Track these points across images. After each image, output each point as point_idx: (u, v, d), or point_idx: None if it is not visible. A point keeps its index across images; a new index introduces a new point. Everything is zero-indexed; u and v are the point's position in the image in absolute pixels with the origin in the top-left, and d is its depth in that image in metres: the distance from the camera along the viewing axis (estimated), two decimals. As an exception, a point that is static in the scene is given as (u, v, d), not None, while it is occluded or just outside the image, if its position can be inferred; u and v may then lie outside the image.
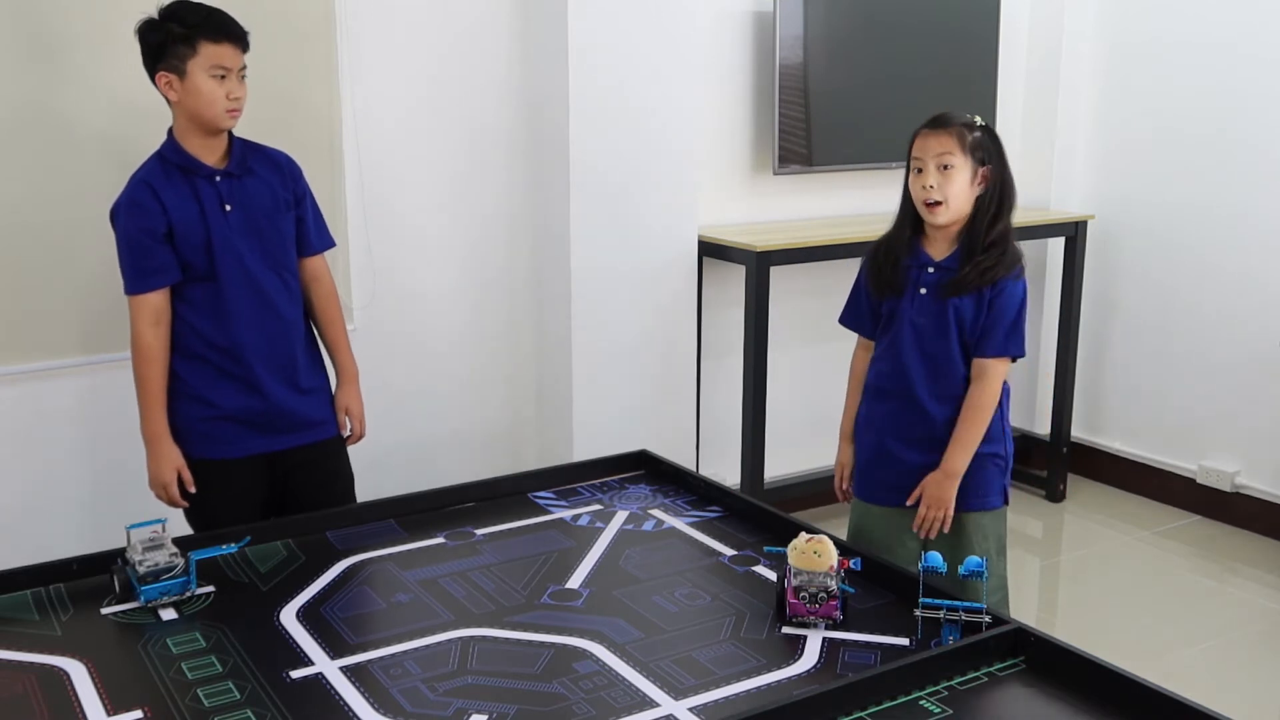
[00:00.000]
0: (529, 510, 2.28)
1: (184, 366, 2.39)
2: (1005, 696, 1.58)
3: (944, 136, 2.24)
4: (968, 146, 2.24)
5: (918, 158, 2.28)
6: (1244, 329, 3.98)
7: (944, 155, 2.23)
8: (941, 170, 2.23)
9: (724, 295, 3.84)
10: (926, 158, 2.25)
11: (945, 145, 2.24)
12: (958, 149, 2.23)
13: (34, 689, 1.60)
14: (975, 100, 4.15)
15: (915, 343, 2.30)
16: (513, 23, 3.39)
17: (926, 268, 2.31)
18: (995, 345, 2.26)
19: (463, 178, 3.40)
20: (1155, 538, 4.05)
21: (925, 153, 2.26)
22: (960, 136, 2.24)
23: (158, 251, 2.31)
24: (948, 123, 2.27)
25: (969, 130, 2.26)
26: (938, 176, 2.24)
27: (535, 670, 1.65)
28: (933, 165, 2.24)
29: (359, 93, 3.17)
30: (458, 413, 3.51)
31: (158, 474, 2.39)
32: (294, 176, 2.47)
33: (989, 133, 2.29)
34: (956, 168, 2.23)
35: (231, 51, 2.28)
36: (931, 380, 2.30)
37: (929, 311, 2.29)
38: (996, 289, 2.25)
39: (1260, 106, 3.86)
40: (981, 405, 2.27)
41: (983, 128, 2.28)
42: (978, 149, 2.26)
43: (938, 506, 2.28)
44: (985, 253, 2.25)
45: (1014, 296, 2.26)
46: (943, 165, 2.23)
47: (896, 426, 2.34)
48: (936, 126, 2.27)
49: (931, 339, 2.29)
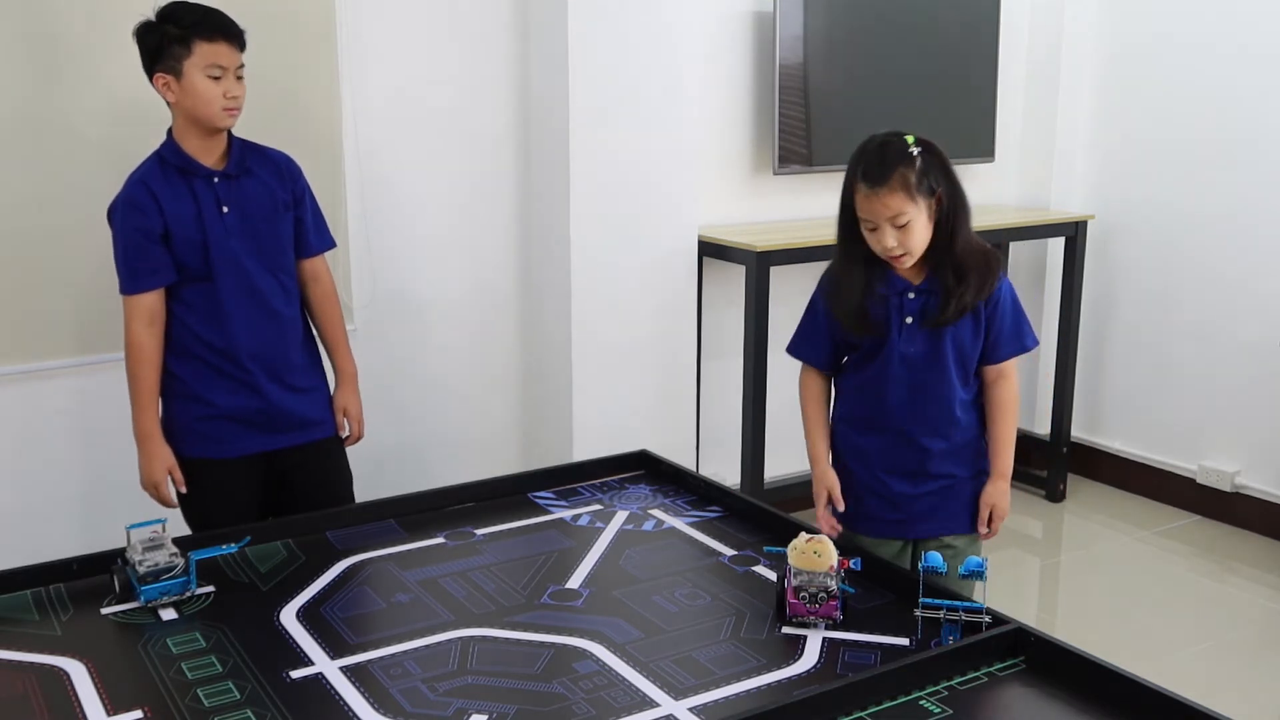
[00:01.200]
0: (529, 510, 2.28)
1: (180, 366, 2.39)
2: (1005, 696, 1.58)
3: (890, 197, 2.00)
4: (915, 190, 2.00)
5: (867, 219, 2.05)
6: (1244, 329, 3.98)
7: (897, 217, 2.01)
8: (898, 229, 2.02)
9: (724, 295, 3.84)
10: (877, 219, 2.03)
11: (895, 206, 2.00)
12: (907, 203, 2.00)
13: (34, 689, 1.60)
14: (975, 100, 4.16)
15: (904, 375, 2.14)
16: (513, 22, 3.39)
17: (907, 294, 2.12)
18: (1010, 348, 2.17)
19: (463, 178, 3.40)
20: (1155, 538, 4.05)
21: (874, 214, 2.03)
22: (906, 185, 2.00)
23: (153, 252, 2.31)
24: (888, 174, 2.00)
25: (911, 169, 2.00)
26: (895, 235, 2.02)
27: (535, 670, 1.65)
28: (887, 226, 2.02)
29: (359, 93, 3.17)
30: (458, 413, 3.51)
31: (149, 473, 2.39)
32: (293, 177, 2.47)
33: (928, 153, 2.04)
34: (912, 219, 2.01)
35: (227, 50, 2.27)
36: (923, 413, 2.16)
37: (920, 340, 2.13)
38: (990, 303, 2.13)
39: (1260, 107, 3.86)
40: (1010, 402, 2.20)
41: (922, 151, 2.03)
42: (924, 181, 2.02)
43: (1005, 515, 2.20)
44: (962, 273, 2.08)
45: (1006, 299, 2.16)
46: (898, 225, 2.02)
47: (889, 461, 2.19)
48: (878, 184, 2.00)
49: (923, 368, 2.14)
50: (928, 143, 2.06)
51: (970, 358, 2.16)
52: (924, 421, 2.17)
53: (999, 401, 2.20)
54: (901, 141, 2.04)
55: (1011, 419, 2.21)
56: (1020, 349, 2.19)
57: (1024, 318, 2.20)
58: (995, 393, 2.20)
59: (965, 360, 2.16)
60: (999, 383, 2.20)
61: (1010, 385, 2.21)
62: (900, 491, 2.20)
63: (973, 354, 2.16)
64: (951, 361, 2.14)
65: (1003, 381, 2.20)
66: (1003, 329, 2.16)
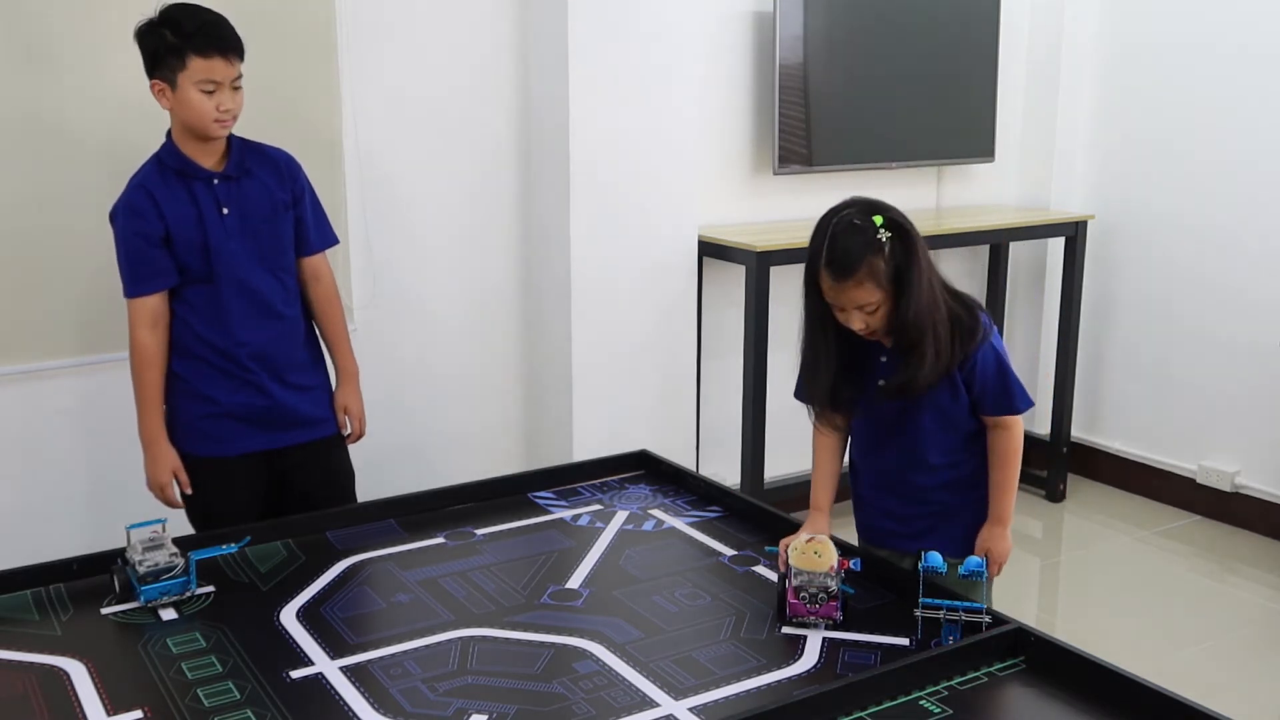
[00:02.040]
0: (529, 510, 2.28)
1: (183, 366, 2.39)
2: (1005, 696, 1.58)
3: (856, 290, 1.94)
4: (883, 278, 1.93)
5: (835, 304, 1.99)
6: (1244, 329, 3.98)
7: (865, 305, 1.96)
8: (868, 314, 1.97)
9: (724, 295, 3.84)
10: (846, 306, 1.98)
11: (861, 297, 1.95)
12: (876, 292, 1.94)
13: (34, 689, 1.60)
14: (975, 100, 4.16)
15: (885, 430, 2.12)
16: (513, 23, 3.38)
17: (880, 356, 2.07)
18: (998, 406, 2.08)
19: (463, 178, 3.40)
20: (1155, 538, 4.05)
21: (842, 303, 1.97)
22: (873, 276, 1.93)
23: (155, 255, 2.31)
24: (853, 268, 1.92)
25: (880, 257, 1.93)
26: (864, 319, 1.98)
27: (535, 670, 1.65)
28: (855, 312, 1.97)
29: (359, 93, 3.17)
30: (458, 413, 3.51)
31: (155, 475, 2.39)
32: (293, 176, 2.47)
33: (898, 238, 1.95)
34: (880, 303, 1.96)
35: (223, 65, 2.25)
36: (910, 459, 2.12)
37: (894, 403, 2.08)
38: (966, 367, 2.04)
39: (1260, 107, 3.86)
40: (1007, 452, 2.12)
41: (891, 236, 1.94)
42: (890, 265, 1.94)
43: (1003, 559, 2.15)
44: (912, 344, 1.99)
45: (986, 363, 2.05)
46: (867, 312, 1.97)
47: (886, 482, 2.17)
48: (844, 277, 1.93)
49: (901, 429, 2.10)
50: (897, 223, 1.96)
51: (954, 415, 2.09)
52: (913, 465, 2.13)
53: (994, 449, 2.12)
54: (871, 226, 1.94)
55: (1008, 468, 2.12)
56: (1009, 409, 2.09)
57: (1011, 380, 2.08)
58: (992, 439, 2.12)
59: (948, 419, 2.09)
60: (994, 431, 2.12)
61: (1006, 436, 2.11)
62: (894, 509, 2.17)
63: (955, 410, 2.09)
64: (928, 421, 2.08)
65: (998, 430, 2.11)
66: (985, 392, 2.06)
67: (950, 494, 2.14)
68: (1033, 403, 2.13)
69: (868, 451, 2.20)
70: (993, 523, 2.14)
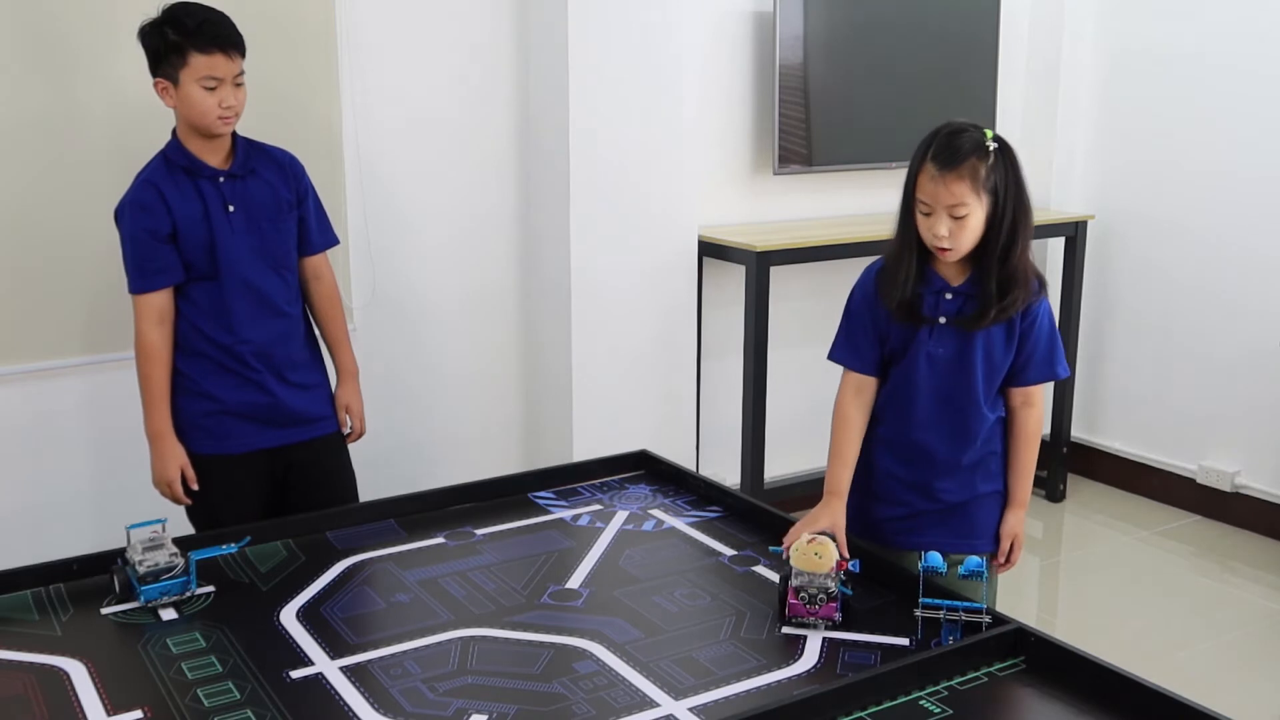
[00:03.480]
0: (529, 510, 2.28)
1: (186, 363, 2.40)
2: (1005, 696, 1.58)
3: (955, 184, 1.92)
4: (982, 186, 1.94)
5: (925, 202, 1.97)
6: (1244, 328, 3.98)
7: (957, 206, 1.93)
8: (955, 219, 1.95)
9: (724, 295, 3.84)
10: (937, 205, 1.95)
11: (958, 194, 1.93)
12: (971, 194, 1.93)
13: (34, 689, 1.60)
14: (975, 100, 4.15)
15: (930, 377, 2.06)
16: (513, 23, 3.38)
17: (944, 294, 2.04)
18: (1040, 372, 2.08)
19: (463, 178, 3.40)
20: (1155, 538, 4.05)
21: (935, 200, 1.95)
22: (974, 177, 1.93)
23: (161, 252, 2.32)
24: (958, 160, 1.93)
25: (982, 162, 1.94)
26: (950, 224, 1.95)
27: (535, 670, 1.65)
28: (944, 213, 1.95)
29: (359, 93, 3.17)
30: (458, 412, 3.51)
31: (162, 472, 2.40)
32: (297, 175, 2.48)
33: (1003, 152, 1.97)
34: (970, 212, 1.94)
35: (224, 61, 2.26)
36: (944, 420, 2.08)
37: (949, 343, 2.04)
38: (1028, 318, 2.04)
39: (1260, 107, 3.86)
40: (1036, 431, 2.13)
41: (997, 149, 1.96)
42: (991, 178, 1.94)
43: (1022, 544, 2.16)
44: (1008, 288, 1.99)
45: (1045, 319, 2.06)
46: (956, 215, 1.94)
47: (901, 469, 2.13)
48: (946, 167, 1.93)
49: (951, 372, 2.05)
50: (1005, 142, 1.99)
51: (999, 369, 2.07)
52: (943, 429, 2.08)
53: (1023, 429, 2.12)
54: (980, 133, 1.97)
55: (1034, 447, 2.14)
56: (1050, 375, 2.10)
57: (1059, 344, 2.10)
58: (1020, 419, 2.11)
59: (993, 371, 2.06)
60: (1024, 410, 2.11)
61: (1035, 414, 2.12)
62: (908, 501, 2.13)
63: (1002, 365, 2.07)
64: (979, 367, 2.05)
65: (1028, 409, 2.12)
66: (1036, 349, 2.06)
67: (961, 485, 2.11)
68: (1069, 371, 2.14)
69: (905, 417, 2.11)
70: (1017, 506, 2.15)
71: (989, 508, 2.15)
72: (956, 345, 2.05)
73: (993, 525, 2.16)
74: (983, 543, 2.14)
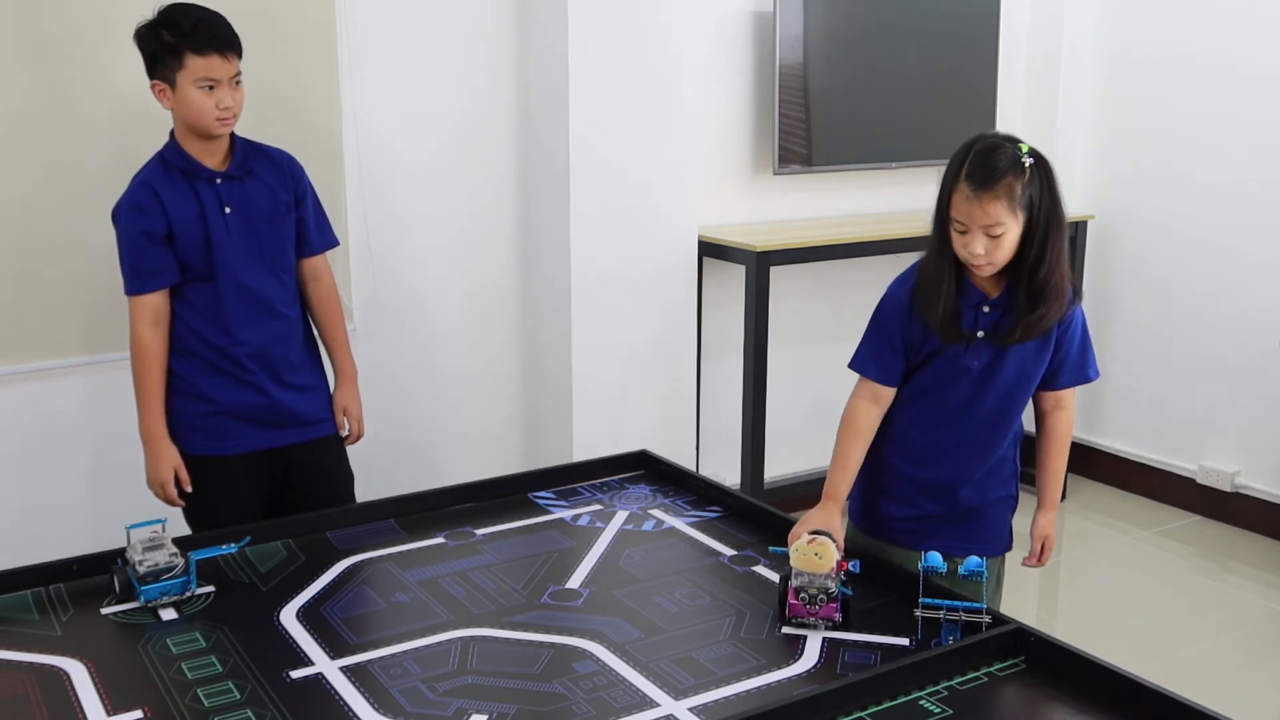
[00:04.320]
0: (529, 510, 2.28)
1: (182, 364, 2.40)
2: (1005, 696, 1.58)
3: (991, 204, 1.88)
4: (1018, 204, 1.89)
5: (960, 221, 1.92)
6: (1244, 329, 3.98)
7: (993, 226, 1.89)
8: (991, 239, 1.91)
9: (724, 295, 3.84)
10: (972, 225, 1.90)
11: (994, 214, 1.88)
12: (1007, 213, 1.89)
13: (34, 689, 1.60)
14: (975, 100, 4.15)
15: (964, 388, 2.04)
16: (513, 22, 3.39)
17: (981, 307, 2.00)
18: (1071, 376, 2.08)
19: (462, 178, 3.40)
20: (1155, 538, 4.05)
21: (971, 220, 1.90)
22: (1010, 196, 1.88)
23: (157, 253, 2.32)
24: (995, 180, 1.88)
25: (1018, 179, 1.89)
26: (985, 243, 1.91)
27: (535, 670, 1.65)
28: (980, 233, 1.90)
29: (359, 93, 3.17)
30: (458, 413, 3.51)
31: (155, 473, 2.40)
32: (295, 177, 2.48)
33: (1039, 167, 1.92)
34: (1006, 230, 1.90)
35: (220, 62, 2.25)
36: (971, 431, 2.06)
37: (984, 356, 2.01)
38: (1062, 324, 2.02)
39: (1259, 107, 3.86)
40: (1067, 433, 2.15)
41: (1034, 164, 1.92)
42: (1027, 194, 1.90)
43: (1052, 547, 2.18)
44: (1039, 300, 1.96)
45: (1078, 324, 2.05)
46: (992, 235, 1.90)
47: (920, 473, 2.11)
48: (982, 188, 1.88)
49: (983, 386, 2.03)
50: (1040, 156, 1.94)
51: (1032, 380, 2.06)
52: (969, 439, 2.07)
53: (1056, 431, 2.14)
54: (1015, 149, 1.92)
55: (1066, 449, 2.16)
56: (1082, 379, 2.09)
57: (1090, 347, 2.09)
58: (1052, 421, 2.13)
59: (1026, 382, 2.05)
60: (1056, 412, 2.12)
61: (1067, 416, 2.13)
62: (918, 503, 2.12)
63: (1035, 376, 2.06)
64: (1012, 380, 2.04)
65: (1060, 412, 2.12)
66: (1069, 354, 2.06)
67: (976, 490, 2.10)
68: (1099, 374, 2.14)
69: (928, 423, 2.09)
70: (1048, 508, 2.18)
71: (998, 512, 2.16)
72: (990, 358, 2.03)
73: (1000, 529, 2.16)
74: (989, 546, 2.12)
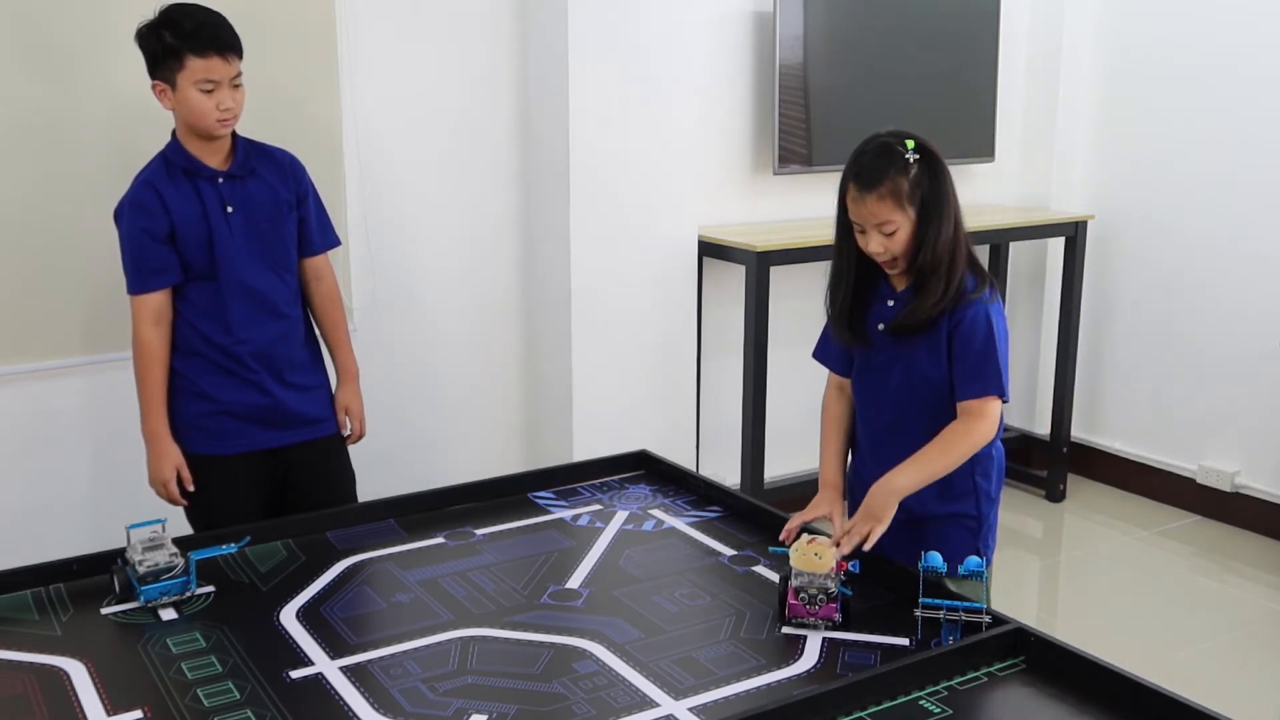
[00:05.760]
0: (529, 510, 2.28)
1: (184, 364, 2.40)
2: (1005, 696, 1.58)
3: (876, 203, 1.94)
4: (905, 199, 1.94)
5: (856, 221, 2.00)
6: (1244, 328, 3.98)
7: (884, 224, 1.95)
8: (885, 236, 1.96)
9: (724, 295, 3.84)
10: (865, 223, 1.98)
11: (880, 212, 1.94)
12: (895, 210, 1.94)
13: (34, 689, 1.60)
14: (975, 100, 4.16)
15: (879, 386, 2.08)
16: (513, 23, 3.39)
17: (886, 300, 2.06)
18: (966, 385, 1.97)
19: (463, 178, 3.40)
20: (1155, 538, 4.05)
21: (862, 219, 1.98)
22: (895, 194, 1.94)
23: (159, 252, 2.32)
24: (878, 180, 1.94)
25: (903, 175, 1.94)
26: (881, 240, 1.96)
27: (535, 670, 1.65)
28: (874, 231, 1.97)
29: (359, 93, 3.17)
30: (458, 413, 3.51)
31: (157, 472, 2.40)
32: (297, 176, 2.48)
33: (925, 159, 1.96)
34: (899, 226, 1.95)
35: (220, 64, 2.26)
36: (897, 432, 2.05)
37: (887, 351, 2.05)
38: (954, 320, 1.97)
39: (1259, 107, 3.86)
40: (955, 434, 1.96)
41: (920, 158, 1.96)
42: (915, 190, 1.95)
43: (865, 519, 1.91)
44: (925, 286, 1.97)
45: (975, 325, 1.96)
46: (885, 233, 1.96)
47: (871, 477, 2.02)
48: (867, 189, 1.95)
49: (890, 380, 2.05)
50: (927, 148, 1.98)
51: (930, 377, 2.01)
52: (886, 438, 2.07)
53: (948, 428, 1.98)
54: (900, 146, 1.96)
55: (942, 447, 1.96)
56: (979, 390, 1.95)
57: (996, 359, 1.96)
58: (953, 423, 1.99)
59: (922, 378, 2.02)
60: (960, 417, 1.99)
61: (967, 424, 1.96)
62: None
63: (932, 374, 2.01)
64: (915, 378, 2.02)
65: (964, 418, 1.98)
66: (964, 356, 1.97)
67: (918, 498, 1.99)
68: (1007, 397, 1.98)
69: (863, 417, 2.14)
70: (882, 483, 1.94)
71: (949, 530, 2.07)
72: (892, 353, 2.06)
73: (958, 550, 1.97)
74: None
